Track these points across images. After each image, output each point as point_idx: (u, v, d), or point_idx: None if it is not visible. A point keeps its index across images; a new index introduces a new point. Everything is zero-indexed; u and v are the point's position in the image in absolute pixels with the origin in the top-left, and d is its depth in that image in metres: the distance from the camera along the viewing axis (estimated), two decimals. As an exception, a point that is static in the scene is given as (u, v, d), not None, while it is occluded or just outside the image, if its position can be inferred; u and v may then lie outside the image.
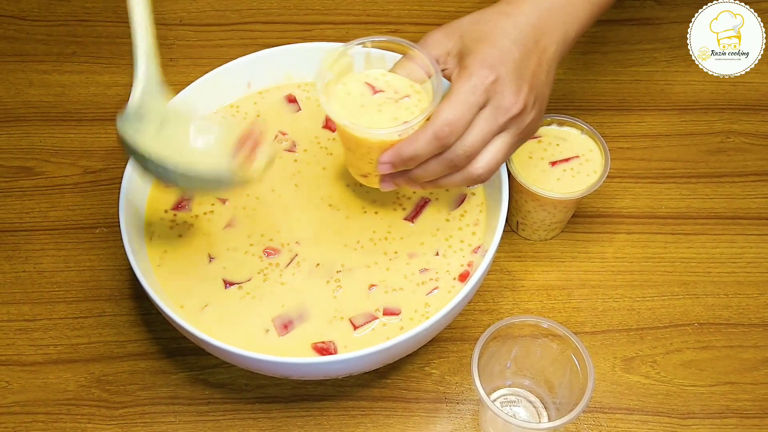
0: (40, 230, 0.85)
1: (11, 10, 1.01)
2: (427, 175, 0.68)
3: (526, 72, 0.67)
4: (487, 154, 0.67)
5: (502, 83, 0.65)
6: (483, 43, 0.66)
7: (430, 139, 0.65)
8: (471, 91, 0.65)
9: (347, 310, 0.71)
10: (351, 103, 0.69)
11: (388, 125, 0.67)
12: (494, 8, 0.69)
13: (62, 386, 0.76)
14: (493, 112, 0.66)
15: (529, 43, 0.67)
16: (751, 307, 0.80)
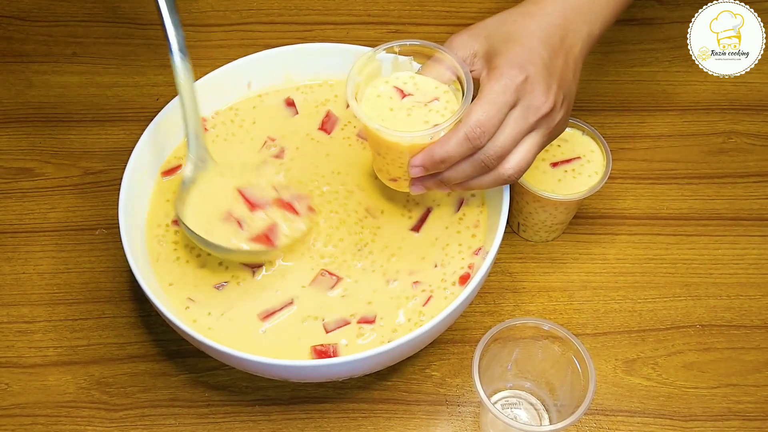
0: (40, 232, 0.84)
1: (11, 11, 1.01)
2: (458, 177, 0.68)
3: (555, 71, 0.67)
4: (518, 155, 0.67)
5: (532, 82, 0.65)
6: (510, 43, 0.66)
7: (462, 140, 0.65)
8: (501, 92, 0.64)
9: (351, 312, 0.70)
10: (381, 107, 0.69)
11: (418, 128, 0.67)
12: (518, 9, 0.69)
13: (62, 388, 0.76)
14: (524, 111, 0.65)
15: (555, 43, 0.67)
16: (753, 309, 0.79)
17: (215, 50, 0.98)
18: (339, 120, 0.81)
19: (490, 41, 0.68)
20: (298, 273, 0.72)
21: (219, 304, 0.71)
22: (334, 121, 0.81)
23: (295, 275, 0.72)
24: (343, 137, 0.80)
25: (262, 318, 0.70)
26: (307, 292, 0.71)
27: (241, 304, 0.71)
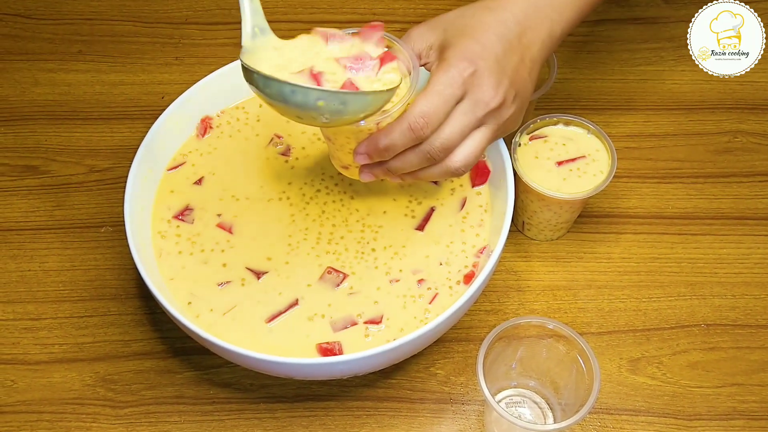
0: (45, 229, 0.85)
1: (17, 9, 1.01)
2: (405, 167, 0.67)
3: (508, 67, 0.66)
4: (465, 148, 0.66)
5: (480, 76, 0.65)
6: (465, 36, 0.66)
7: (405, 130, 0.64)
8: (448, 83, 0.64)
9: (358, 312, 0.70)
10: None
11: None
12: (479, 3, 0.69)
13: (67, 385, 0.76)
14: (471, 105, 0.65)
15: (512, 39, 0.67)
16: (758, 308, 0.79)
17: (221, 48, 0.98)
18: None
19: (446, 34, 0.67)
20: (302, 272, 0.72)
21: (221, 302, 0.71)
22: None
23: (299, 275, 0.72)
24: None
25: (266, 321, 0.70)
26: (313, 290, 0.71)
27: (245, 305, 0.71)
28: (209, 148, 0.80)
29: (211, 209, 0.76)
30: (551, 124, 0.81)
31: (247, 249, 0.74)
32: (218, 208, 0.76)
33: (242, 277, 0.72)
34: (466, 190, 0.77)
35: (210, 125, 0.81)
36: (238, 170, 0.78)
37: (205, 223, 0.75)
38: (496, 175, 0.76)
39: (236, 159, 0.79)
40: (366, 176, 0.70)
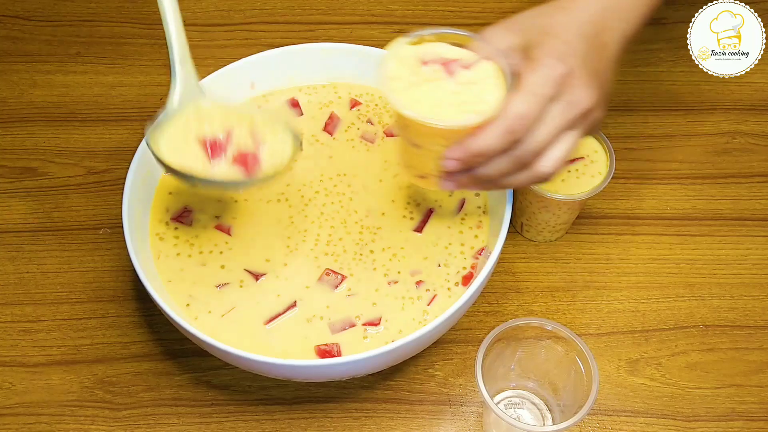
0: (43, 231, 0.85)
1: (15, 11, 1.01)
2: (494, 173, 0.64)
3: (593, 66, 0.64)
4: (555, 151, 0.63)
5: (573, 76, 0.62)
6: (548, 35, 0.63)
7: (503, 133, 0.61)
8: (542, 83, 0.61)
9: (356, 313, 0.70)
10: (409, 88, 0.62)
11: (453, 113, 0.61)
12: (553, 3, 0.66)
13: (66, 387, 0.76)
14: (566, 106, 0.62)
15: (591, 38, 0.65)
16: (756, 309, 0.79)
17: (218, 50, 0.98)
18: (342, 121, 0.81)
19: (527, 34, 0.64)
20: (301, 274, 0.72)
21: (219, 304, 0.71)
22: (336, 123, 0.81)
23: (298, 277, 0.72)
24: (346, 139, 0.80)
25: (265, 323, 0.70)
26: (312, 292, 0.71)
27: (244, 306, 0.71)
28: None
29: (210, 211, 0.76)
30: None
31: (246, 251, 0.74)
32: (216, 209, 0.76)
33: (240, 279, 0.72)
34: (464, 191, 0.77)
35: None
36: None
37: (204, 225, 0.75)
38: (495, 177, 0.76)
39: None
40: (449, 185, 0.66)
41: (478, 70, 0.63)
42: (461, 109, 0.61)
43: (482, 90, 0.62)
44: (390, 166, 0.78)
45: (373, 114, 0.82)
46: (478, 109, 0.61)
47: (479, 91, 0.62)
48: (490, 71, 0.63)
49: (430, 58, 0.63)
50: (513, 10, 0.99)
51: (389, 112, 0.82)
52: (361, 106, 0.82)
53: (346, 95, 0.83)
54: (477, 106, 0.61)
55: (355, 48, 0.81)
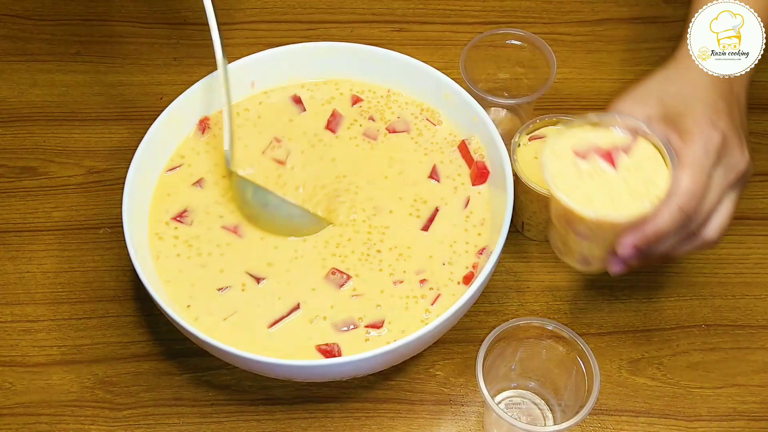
0: (44, 230, 0.84)
1: (15, 10, 1.01)
2: (664, 250, 0.64)
3: (736, 123, 0.64)
4: (720, 216, 0.64)
5: (729, 141, 0.63)
6: (690, 101, 0.63)
7: (676, 213, 0.61)
8: (704, 155, 0.61)
9: (359, 315, 0.70)
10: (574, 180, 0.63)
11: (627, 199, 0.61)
12: (672, 66, 0.67)
13: (66, 387, 0.76)
14: (725, 171, 0.63)
15: (727, 94, 0.65)
16: (758, 309, 0.79)
17: (219, 49, 0.97)
18: (344, 119, 0.81)
19: (664, 103, 0.64)
20: (306, 273, 0.72)
21: (220, 306, 0.71)
22: (339, 120, 0.81)
23: (303, 278, 0.72)
24: (349, 137, 0.80)
25: (268, 326, 0.70)
26: (317, 292, 0.71)
27: (246, 309, 0.71)
28: (208, 148, 0.80)
29: (212, 211, 0.76)
30: (550, 125, 0.81)
31: (249, 252, 0.73)
32: (218, 210, 0.76)
33: (243, 282, 0.72)
34: (468, 188, 0.77)
35: (208, 125, 0.81)
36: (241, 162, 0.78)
37: (207, 226, 0.75)
38: (496, 176, 0.76)
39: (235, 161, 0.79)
40: (620, 267, 0.65)
41: (637, 153, 0.63)
42: (634, 197, 0.62)
43: (649, 173, 0.62)
44: (394, 163, 0.78)
45: (375, 110, 0.81)
46: (652, 194, 0.61)
47: (647, 176, 0.62)
48: (649, 152, 0.63)
49: (583, 149, 0.63)
50: (514, 8, 1.00)
51: (391, 108, 0.82)
52: (363, 102, 0.82)
53: (347, 92, 0.83)
54: (650, 191, 0.62)
55: (356, 47, 0.81)
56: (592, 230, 0.63)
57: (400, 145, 0.79)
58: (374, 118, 0.81)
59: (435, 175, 0.77)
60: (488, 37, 0.85)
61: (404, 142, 0.80)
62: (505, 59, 0.87)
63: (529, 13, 1.00)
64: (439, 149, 0.79)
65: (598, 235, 0.63)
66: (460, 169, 0.78)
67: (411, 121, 0.80)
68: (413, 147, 0.79)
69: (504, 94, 0.89)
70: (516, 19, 0.99)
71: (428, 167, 0.78)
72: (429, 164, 0.78)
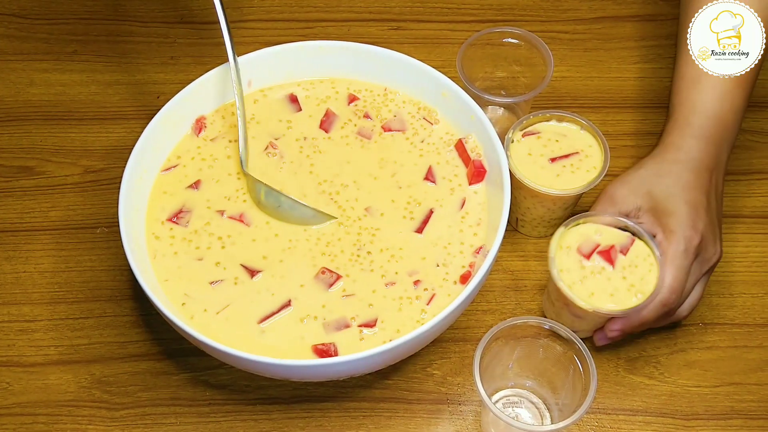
0: (40, 230, 0.84)
1: (12, 9, 1.01)
2: (644, 329, 0.74)
3: (713, 214, 0.74)
4: (692, 299, 0.74)
5: (705, 239, 0.72)
6: (675, 200, 0.72)
7: (659, 306, 0.70)
8: (685, 256, 0.71)
9: (352, 315, 0.70)
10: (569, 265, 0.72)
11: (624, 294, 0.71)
12: (662, 155, 0.76)
13: (63, 387, 0.76)
14: (700, 264, 0.73)
15: (706, 185, 0.74)
16: (756, 307, 0.79)
17: (216, 48, 0.97)
18: (338, 118, 0.81)
19: (653, 197, 0.73)
20: (296, 273, 0.72)
21: (214, 302, 0.71)
22: (332, 120, 0.81)
23: (293, 275, 0.72)
24: (341, 136, 0.80)
25: (258, 321, 0.70)
26: (306, 291, 0.71)
27: (237, 305, 0.71)
28: (204, 148, 0.79)
29: (209, 208, 0.76)
30: (544, 120, 0.81)
31: (243, 248, 0.73)
32: (215, 206, 0.76)
33: (235, 276, 0.72)
34: (465, 189, 0.76)
35: (204, 125, 0.80)
36: (234, 172, 0.78)
37: (204, 222, 0.75)
38: (493, 175, 0.75)
39: (231, 162, 0.79)
40: (604, 342, 0.75)
41: (634, 253, 0.72)
42: (629, 291, 0.71)
43: (643, 271, 0.71)
44: (388, 164, 0.78)
45: (371, 108, 0.81)
46: (644, 290, 0.71)
47: (642, 273, 0.71)
48: (644, 251, 0.72)
49: (587, 247, 0.73)
50: (511, 6, 1.00)
51: (387, 106, 0.81)
52: (359, 101, 0.82)
53: (344, 90, 0.83)
54: (643, 287, 0.71)
55: (353, 45, 0.81)
56: (587, 314, 0.71)
57: (395, 146, 0.79)
58: (370, 115, 0.81)
59: (431, 176, 0.77)
60: (485, 35, 0.85)
61: (399, 142, 0.79)
62: (502, 58, 0.87)
63: (526, 11, 1.00)
64: (435, 150, 0.79)
65: (591, 318, 0.73)
66: (457, 169, 0.77)
67: (407, 120, 0.80)
68: (408, 147, 0.79)
69: (501, 92, 0.89)
70: (513, 17, 0.99)
71: (423, 168, 0.78)
72: (424, 165, 0.78)
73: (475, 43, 0.85)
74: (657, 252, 0.71)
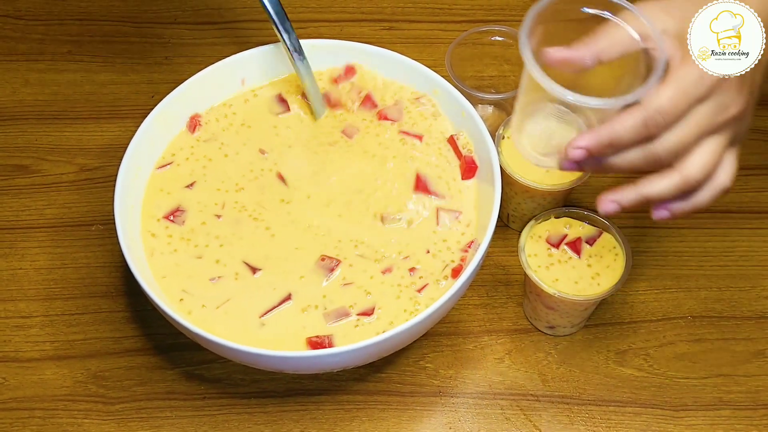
0: (36, 228, 0.85)
1: (6, 10, 1.01)
2: (625, 166, 0.60)
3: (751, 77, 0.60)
4: (700, 156, 0.59)
5: (727, 82, 0.59)
6: None
7: (638, 124, 0.57)
8: (695, 82, 0.58)
9: (350, 303, 0.71)
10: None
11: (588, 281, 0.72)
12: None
13: (59, 382, 0.76)
14: (713, 107, 0.58)
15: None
16: (743, 300, 0.80)
17: (209, 48, 0.98)
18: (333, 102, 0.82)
19: (684, 20, 0.60)
20: (295, 264, 0.73)
21: (213, 297, 0.71)
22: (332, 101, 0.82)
23: (292, 266, 0.73)
24: (331, 127, 0.81)
25: (260, 315, 0.71)
26: (306, 282, 0.72)
27: (237, 299, 0.71)
28: (199, 146, 0.80)
29: (206, 205, 0.76)
30: (537, 119, 0.81)
31: (242, 243, 0.74)
32: (212, 202, 0.76)
33: (236, 271, 0.73)
34: (458, 183, 0.77)
35: (199, 123, 0.81)
36: (229, 169, 0.79)
37: (200, 220, 0.76)
38: (483, 170, 0.76)
39: (227, 159, 0.80)
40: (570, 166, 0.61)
41: (600, 244, 0.73)
42: (596, 281, 0.72)
43: (607, 260, 0.73)
44: (377, 159, 0.79)
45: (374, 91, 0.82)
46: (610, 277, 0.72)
47: (607, 262, 0.73)
48: (610, 243, 0.74)
49: (555, 238, 0.74)
50: (502, 6, 1.01)
51: (383, 97, 0.82)
52: (355, 77, 0.83)
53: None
54: (608, 274, 0.73)
55: (345, 44, 0.82)
56: (557, 304, 0.73)
57: (388, 142, 0.80)
58: (373, 98, 0.81)
59: (422, 174, 0.78)
60: (473, 34, 0.86)
61: (392, 137, 0.80)
62: (492, 56, 0.88)
63: (516, 11, 1.01)
64: (425, 144, 0.79)
65: (561, 308, 0.73)
66: (449, 165, 0.78)
67: (404, 106, 0.81)
68: (399, 139, 0.80)
69: (491, 90, 0.90)
70: (504, 17, 1.00)
71: (416, 162, 0.78)
72: (417, 160, 0.79)
73: (464, 42, 0.86)
74: (624, 244, 0.71)
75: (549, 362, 0.77)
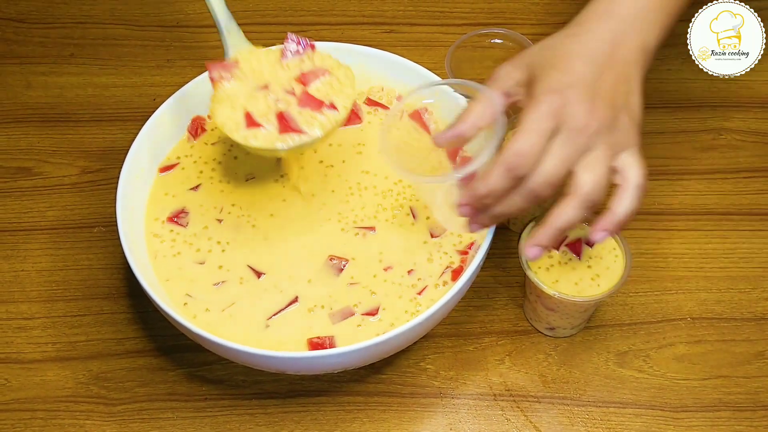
0: (38, 230, 0.85)
1: (9, 13, 1.02)
2: (511, 210, 0.65)
3: (602, 88, 0.64)
4: (586, 173, 0.63)
5: (570, 105, 0.63)
6: (551, 69, 0.65)
7: (502, 172, 0.62)
8: (538, 119, 0.62)
9: (355, 302, 0.72)
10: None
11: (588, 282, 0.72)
12: (562, 32, 0.67)
13: (61, 383, 0.77)
14: (568, 134, 0.63)
15: (601, 60, 0.65)
16: (743, 302, 0.80)
17: (212, 51, 0.98)
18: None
19: (531, 69, 0.66)
20: (302, 267, 0.73)
21: (218, 301, 0.72)
22: None
23: (299, 269, 0.73)
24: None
25: (266, 318, 0.71)
26: (314, 283, 0.72)
27: (243, 302, 0.72)
28: (202, 149, 0.81)
29: (209, 209, 0.77)
30: (538, 122, 0.82)
31: (247, 246, 0.75)
32: (216, 206, 0.77)
33: (240, 275, 0.73)
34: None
35: (202, 126, 0.82)
36: (230, 170, 0.79)
37: (203, 224, 0.76)
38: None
39: (229, 160, 0.80)
40: (474, 227, 0.68)
41: (599, 246, 0.74)
42: (596, 282, 0.73)
43: (608, 262, 0.74)
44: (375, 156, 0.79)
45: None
46: (609, 278, 0.73)
47: (606, 263, 0.73)
48: (610, 244, 0.74)
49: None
50: (502, 10, 1.01)
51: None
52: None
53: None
54: (606, 277, 0.73)
55: (346, 47, 0.82)
56: (557, 305, 0.73)
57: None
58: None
59: None
60: (473, 37, 0.86)
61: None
62: (492, 59, 0.88)
63: (517, 14, 1.01)
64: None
65: (561, 309, 0.73)
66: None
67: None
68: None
69: (492, 93, 0.90)
70: (504, 20, 1.00)
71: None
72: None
73: (464, 45, 0.86)
74: (624, 245, 0.72)
75: (549, 363, 0.77)
